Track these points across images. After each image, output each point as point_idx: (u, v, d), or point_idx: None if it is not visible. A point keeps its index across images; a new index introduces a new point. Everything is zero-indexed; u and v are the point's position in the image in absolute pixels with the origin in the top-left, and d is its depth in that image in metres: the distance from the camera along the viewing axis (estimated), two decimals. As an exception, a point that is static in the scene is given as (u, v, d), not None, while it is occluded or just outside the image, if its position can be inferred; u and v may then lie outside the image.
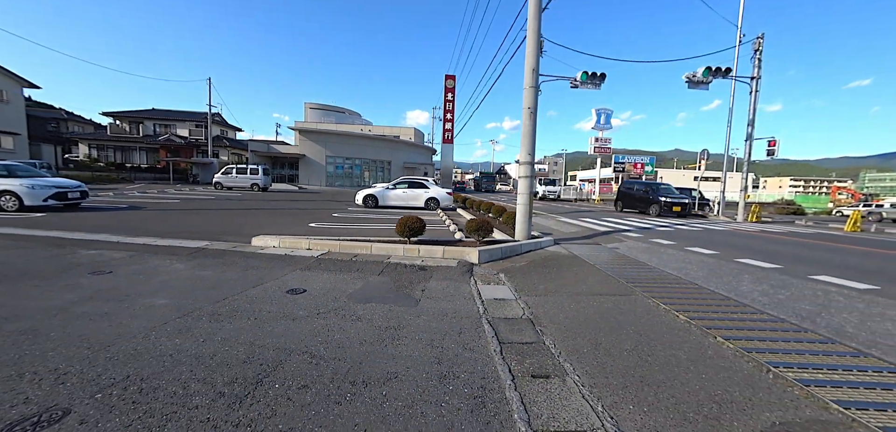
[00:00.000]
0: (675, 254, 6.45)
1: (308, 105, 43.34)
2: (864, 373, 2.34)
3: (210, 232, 7.31)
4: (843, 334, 2.98)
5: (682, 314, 3.37)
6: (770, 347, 2.72)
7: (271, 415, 1.79)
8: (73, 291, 3.52)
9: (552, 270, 5.15)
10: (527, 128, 7.14)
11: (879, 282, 4.74)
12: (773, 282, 4.62)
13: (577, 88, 12.98)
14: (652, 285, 4.40)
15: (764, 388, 2.17)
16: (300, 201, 16.64)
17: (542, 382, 2.23)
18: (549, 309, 3.57)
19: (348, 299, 3.64)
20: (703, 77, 12.50)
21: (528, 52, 6.99)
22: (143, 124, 37.88)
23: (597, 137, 27.56)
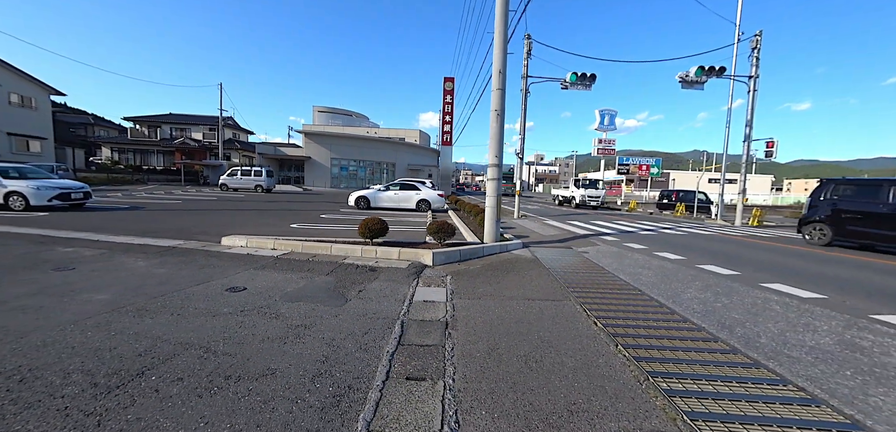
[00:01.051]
0: (638, 260, 6.33)
1: (316, 108, 44.28)
2: (743, 385, 2.29)
3: (191, 231, 7.62)
4: (752, 344, 2.90)
5: (600, 321, 3.34)
6: (666, 356, 2.68)
7: (129, 406, 1.91)
8: (25, 286, 3.78)
9: (502, 274, 5.15)
10: (494, 130, 7.15)
11: (831, 291, 4.54)
12: (720, 290, 4.49)
13: (568, 90, 12.91)
14: (591, 291, 4.35)
15: (628, 398, 2.15)
16: (297, 203, 17.05)
17: (414, 384, 2.28)
18: (474, 312, 3.59)
19: (281, 298, 3.76)
20: (695, 76, 12.16)
21: (495, 55, 7.00)
22: (161, 128, 39.56)
23: (600, 139, 27.11)
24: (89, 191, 11.47)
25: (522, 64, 13.29)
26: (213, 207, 13.13)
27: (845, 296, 4.35)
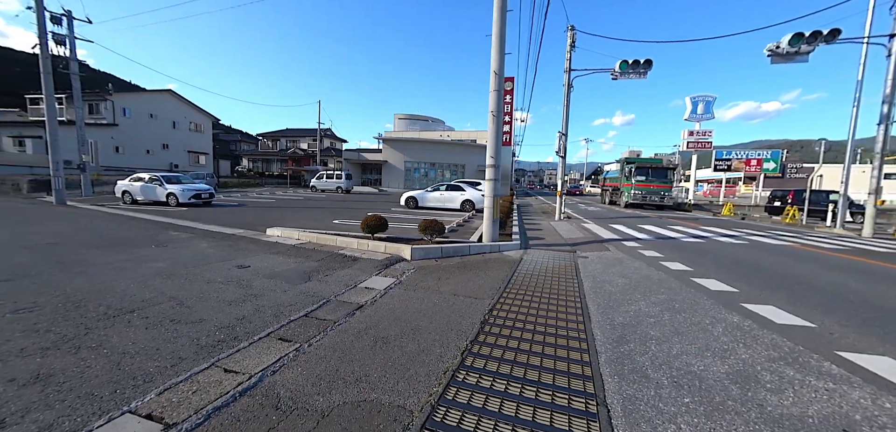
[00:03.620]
0: (631, 268, 5.67)
1: (397, 116, 48.54)
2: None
3: (256, 223, 9.76)
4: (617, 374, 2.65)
5: (491, 323, 3.45)
6: (494, 368, 2.73)
7: (114, 326, 3.08)
8: (130, 253, 5.76)
9: (466, 271, 5.38)
10: (491, 131, 7.26)
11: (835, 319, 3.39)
12: (678, 307, 3.87)
13: (618, 80, 11.84)
14: (531, 293, 4.31)
15: (415, 388, 2.40)
16: (362, 202, 19.38)
17: (279, 344, 2.94)
18: (396, 300, 4.05)
19: (264, 275, 4.86)
20: (790, 46, 9.58)
21: (493, 56, 7.09)
22: (279, 141, 48.88)
23: (692, 131, 23.03)
24: (213, 192, 15.41)
25: (565, 57, 12.56)
26: (292, 205, 16.06)
27: None
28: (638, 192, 18.30)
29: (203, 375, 2.39)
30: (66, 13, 15.91)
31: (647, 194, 18.18)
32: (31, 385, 2.21)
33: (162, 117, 34.98)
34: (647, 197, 18.17)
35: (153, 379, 2.31)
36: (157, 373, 2.38)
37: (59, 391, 2.15)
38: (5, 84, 48.21)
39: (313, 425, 1.92)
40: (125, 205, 14.20)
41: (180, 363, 2.53)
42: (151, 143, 33.87)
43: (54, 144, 14.37)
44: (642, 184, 18.44)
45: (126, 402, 2.07)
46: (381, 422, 1.94)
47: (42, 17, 14.21)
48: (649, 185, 18.28)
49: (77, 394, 2.12)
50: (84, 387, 2.19)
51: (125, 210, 12.34)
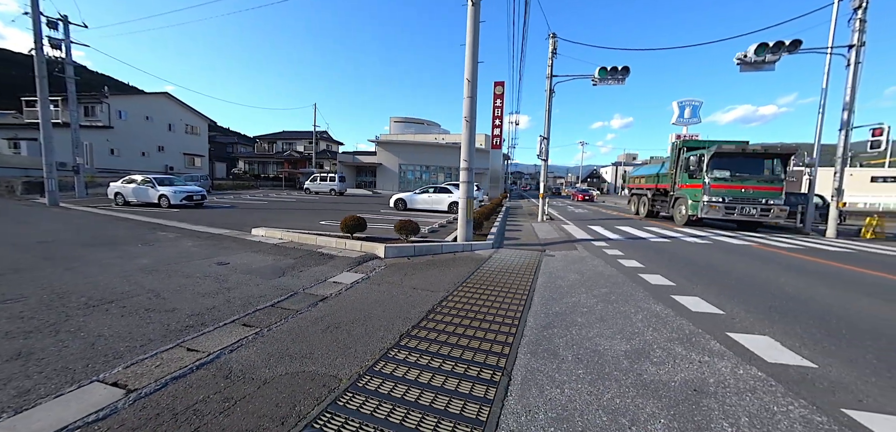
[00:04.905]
0: (593, 264, 6.03)
1: (393, 119, 48.98)
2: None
3: (243, 224, 10.08)
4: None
5: (435, 311, 3.79)
6: (414, 359, 3.08)
7: (93, 315, 3.40)
8: (117, 251, 6.07)
9: (433, 268, 5.72)
10: (465, 136, 7.62)
11: (764, 312, 3.75)
12: (613, 299, 4.22)
13: (598, 86, 12.27)
14: (486, 288, 4.66)
15: (329, 371, 2.75)
16: (353, 204, 19.70)
17: (242, 328, 3.28)
18: (359, 294, 4.38)
19: (241, 271, 5.19)
20: (756, 56, 10.03)
21: (466, 64, 7.47)
22: (276, 143, 49.15)
23: (679, 134, 23.53)
24: (205, 194, 15.71)
25: (547, 64, 12.98)
26: (283, 207, 16.37)
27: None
28: (718, 199, 11.08)
29: (167, 353, 2.72)
30: (61, 18, 16.24)
31: (736, 202, 11.10)
32: (14, 361, 2.54)
33: (158, 120, 35.25)
34: (736, 207, 11.08)
35: (122, 357, 2.64)
36: (126, 352, 2.71)
37: (38, 365, 2.48)
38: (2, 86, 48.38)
39: (255, 389, 2.26)
40: (117, 206, 14.48)
41: (148, 344, 2.86)
42: (147, 146, 34.12)
43: (48, 147, 14.64)
44: (725, 185, 11.22)
45: (95, 374, 2.40)
46: (312, 387, 2.28)
47: (37, 22, 14.53)
48: (741, 186, 11.18)
49: (53, 368, 2.45)
50: (60, 363, 2.52)
51: (117, 211, 12.64)
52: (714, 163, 11.53)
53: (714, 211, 11.26)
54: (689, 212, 12.23)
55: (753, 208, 11.15)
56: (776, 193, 11.28)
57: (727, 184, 11.37)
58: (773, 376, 2.42)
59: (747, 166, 11.62)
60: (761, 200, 11.25)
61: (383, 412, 2.04)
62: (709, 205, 11.31)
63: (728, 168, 11.53)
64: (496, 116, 24.23)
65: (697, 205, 11.70)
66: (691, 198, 12.21)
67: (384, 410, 2.06)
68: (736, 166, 11.53)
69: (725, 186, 11.37)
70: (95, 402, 2.10)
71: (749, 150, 11.68)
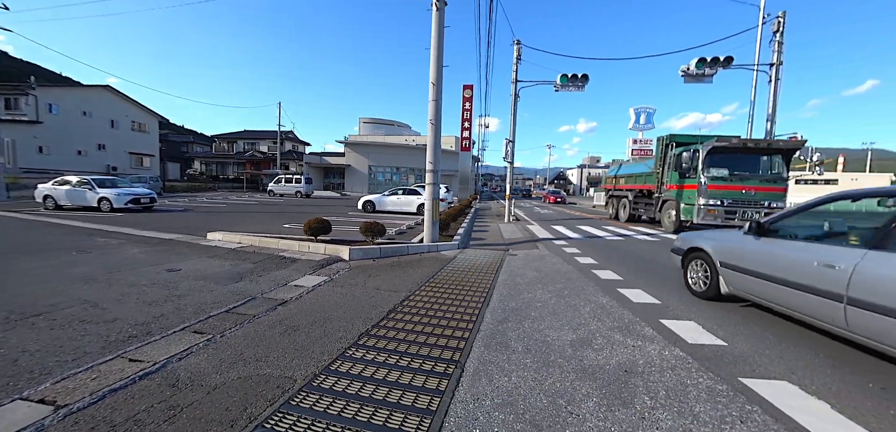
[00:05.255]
0: (552, 262, 6.39)
1: (362, 120, 48.09)
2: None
3: (198, 228, 9.51)
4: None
5: (397, 311, 3.87)
6: (370, 357, 3.16)
7: (19, 328, 3.11)
8: (48, 260, 5.54)
9: (398, 269, 5.76)
10: (430, 138, 7.74)
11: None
12: (566, 293, 4.54)
13: (559, 92, 12.84)
14: (448, 287, 4.79)
15: (290, 369, 2.77)
16: (319, 206, 19.17)
17: (191, 335, 3.16)
18: (319, 297, 4.34)
19: (193, 277, 4.94)
20: (696, 70, 11.09)
21: (431, 68, 7.59)
22: (237, 143, 46.56)
23: (635, 139, 25.19)
24: (155, 197, 14.60)
25: (512, 69, 13.45)
26: (244, 210, 15.60)
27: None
28: (715, 202, 9.65)
29: (106, 365, 2.57)
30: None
31: (736, 205, 9.68)
32: (-82, 382, 2.29)
33: (98, 115, 32.17)
34: (737, 211, 9.64)
35: (51, 372, 2.46)
36: (56, 366, 2.53)
37: (-50, 385, 2.26)
38: None
39: (204, 395, 2.21)
40: (47, 211, 13.10)
41: (83, 357, 2.68)
42: (84, 144, 31.03)
43: (-39, 144, 12.94)
44: (724, 186, 9.74)
45: (18, 392, 2.22)
46: (265, 389, 2.27)
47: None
48: (742, 187, 9.74)
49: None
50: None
51: (47, 216, 11.43)
52: (711, 160, 9.90)
53: (712, 216, 9.66)
54: (681, 216, 10.73)
55: (756, 212, 9.61)
56: (779, 195, 9.90)
57: (726, 184, 9.75)
58: (691, 354, 2.75)
59: (747, 164, 10.06)
60: (763, 203, 9.77)
61: (337, 408, 2.09)
62: (706, 209, 9.70)
63: (726, 165, 9.89)
64: (465, 119, 24.64)
65: (691, 208, 10.20)
66: (684, 201, 10.73)
67: (338, 406, 2.10)
68: (735, 163, 9.93)
69: (724, 187, 9.76)
70: (17, 421, 1.95)
71: (751, 145, 10.01)
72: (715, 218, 9.69)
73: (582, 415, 2.03)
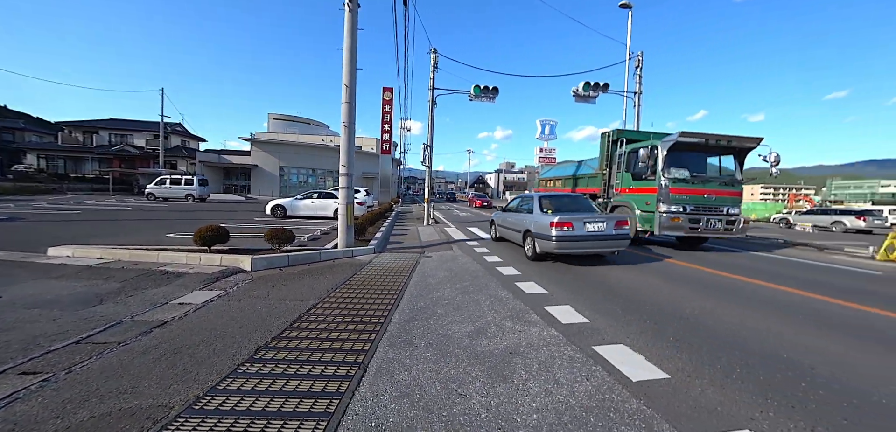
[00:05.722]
0: (463, 262, 6.89)
1: (272, 116, 43.53)
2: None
3: (40, 241, 7.47)
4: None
5: (308, 320, 3.74)
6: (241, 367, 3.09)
7: None
8: None
9: (308, 277, 5.48)
10: (343, 141, 7.55)
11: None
12: (471, 290, 5.03)
13: (473, 101, 13.62)
14: (359, 292, 4.77)
15: (145, 381, 2.53)
16: (216, 212, 16.77)
17: (25, 377, 2.55)
18: (208, 315, 3.89)
19: (23, 305, 3.90)
20: (583, 91, 13.22)
21: (344, 69, 7.42)
22: (98, 134, 37.51)
23: (542, 148, 28.32)
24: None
25: (429, 77, 13.92)
26: (110, 217, 12.74)
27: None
28: (679, 209, 8.49)
29: None
30: None
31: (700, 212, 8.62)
32: None
33: None
34: (701, 220, 8.58)
35: None
36: None
37: None
38: None
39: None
40: None
41: None
42: None
43: None
44: (686, 189, 8.60)
45: None
46: (128, 424, 1.99)
47: None
48: (704, 191, 8.70)
49: None
50: None
51: None
52: (672, 159, 8.57)
53: (676, 225, 8.38)
54: (637, 225, 9.06)
55: (718, 220, 8.59)
56: (736, 200, 8.92)
57: (688, 188, 8.54)
58: (562, 333, 3.35)
59: (704, 164, 9.10)
60: (722, 210, 8.69)
61: (223, 427, 1.97)
62: (670, 217, 8.32)
63: (687, 166, 8.75)
64: (385, 122, 24.41)
65: (651, 217, 8.71)
66: (640, 208, 9.14)
67: (224, 426, 1.98)
68: (695, 164, 8.87)
69: (686, 191, 8.50)
70: None
71: (713, 141, 8.61)
72: (679, 227, 8.44)
73: (469, 395, 2.32)
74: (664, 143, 8.66)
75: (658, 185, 8.65)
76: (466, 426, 2.02)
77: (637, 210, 9.30)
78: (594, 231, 6.59)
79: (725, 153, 9.22)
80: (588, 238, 6.56)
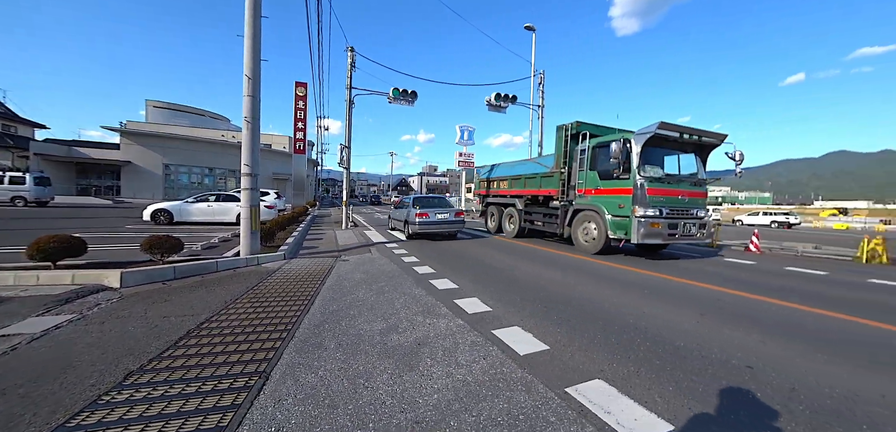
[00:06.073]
0: (381, 264, 6.93)
1: (151, 103, 36.14)
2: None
3: None
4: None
5: (197, 336, 3.35)
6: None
7: None
8: None
9: (200, 290, 4.83)
10: (246, 138, 6.87)
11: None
12: (387, 290, 5.18)
13: (392, 104, 13.57)
14: (265, 301, 4.43)
15: (41, 413, 2.09)
16: (66, 218, 13.30)
17: None
18: (49, 346, 3.16)
19: None
20: (495, 102, 14.47)
21: (246, 59, 6.75)
22: None
23: (461, 152, 29.75)
24: None
25: (346, 75, 13.48)
26: None
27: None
28: (655, 214, 7.68)
29: None
30: None
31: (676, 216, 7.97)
32: None
33: None
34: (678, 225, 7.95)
35: None
36: None
37: None
38: None
39: None
40: None
41: None
42: None
43: None
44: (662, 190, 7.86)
45: None
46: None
47: None
48: (678, 192, 8.09)
49: None
50: None
51: None
52: (646, 156, 7.73)
53: (655, 232, 7.56)
54: (608, 232, 8.04)
55: (692, 224, 8.02)
56: (704, 202, 8.51)
57: (664, 188, 7.80)
58: (467, 322, 3.70)
59: (674, 163, 8.45)
60: (692, 212, 8.15)
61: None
62: (650, 223, 7.49)
63: (659, 164, 8.15)
64: (299, 119, 22.45)
65: (625, 223, 7.75)
66: (611, 212, 8.08)
67: (79, 464, 1.70)
68: (665, 162, 8.33)
69: (663, 191, 7.76)
70: None
71: (686, 136, 7.87)
72: (658, 233, 7.58)
73: (375, 386, 2.43)
74: (639, 137, 7.66)
75: (633, 186, 7.60)
76: (371, 415, 2.12)
77: (607, 214, 8.12)
78: (441, 219, 10.72)
79: (695, 150, 8.48)
80: (438, 223, 10.69)
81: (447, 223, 10.75)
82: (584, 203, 8.92)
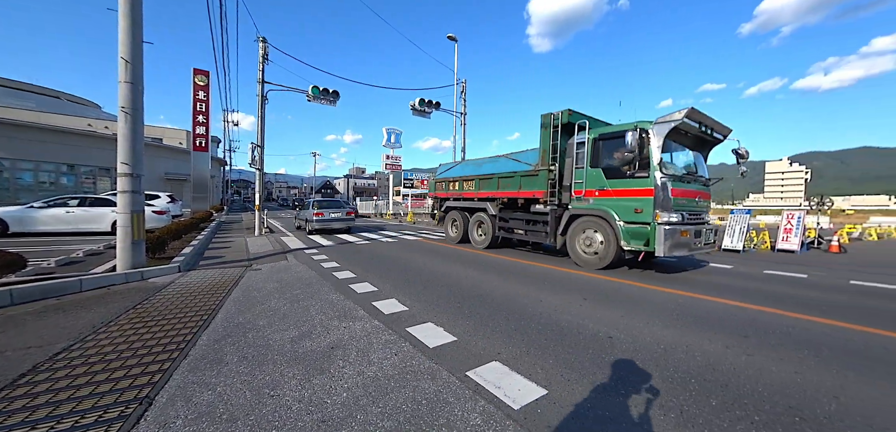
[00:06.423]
0: (297, 271, 6.59)
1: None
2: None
3: None
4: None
5: (45, 372, 2.80)
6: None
7: None
8: None
9: (55, 315, 3.96)
10: (124, 131, 5.85)
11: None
12: (302, 297, 5.02)
13: (312, 103, 12.81)
14: (148, 322, 3.87)
15: None
16: None
17: None
18: None
19: None
20: (419, 107, 14.83)
21: (121, 38, 5.75)
22: None
23: (388, 154, 29.42)
24: None
25: (258, 68, 12.32)
26: None
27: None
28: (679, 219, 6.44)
29: None
30: None
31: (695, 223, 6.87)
32: None
33: None
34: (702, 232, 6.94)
35: None
36: None
37: None
38: None
39: None
40: None
41: None
42: None
43: None
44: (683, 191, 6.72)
45: None
46: None
47: None
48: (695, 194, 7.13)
49: None
50: None
51: None
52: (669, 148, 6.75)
53: (684, 242, 6.45)
54: (620, 240, 6.74)
55: (708, 231, 7.14)
56: (709, 204, 7.69)
57: (685, 189, 6.81)
58: (384, 322, 3.81)
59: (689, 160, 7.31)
60: (704, 216, 7.38)
61: None
62: (679, 231, 6.35)
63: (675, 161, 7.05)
64: (199, 111, 19.32)
65: (645, 231, 6.43)
66: (625, 218, 6.73)
67: None
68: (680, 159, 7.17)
69: (685, 193, 6.78)
70: None
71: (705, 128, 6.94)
72: (684, 245, 6.46)
73: (282, 394, 2.39)
74: (660, 126, 6.29)
75: (654, 186, 6.27)
76: (275, 422, 2.10)
77: (619, 220, 6.72)
78: (334, 217, 13.77)
79: (699, 145, 7.39)
80: (332, 220, 13.64)
81: (339, 220, 13.90)
82: (584, 207, 7.33)
